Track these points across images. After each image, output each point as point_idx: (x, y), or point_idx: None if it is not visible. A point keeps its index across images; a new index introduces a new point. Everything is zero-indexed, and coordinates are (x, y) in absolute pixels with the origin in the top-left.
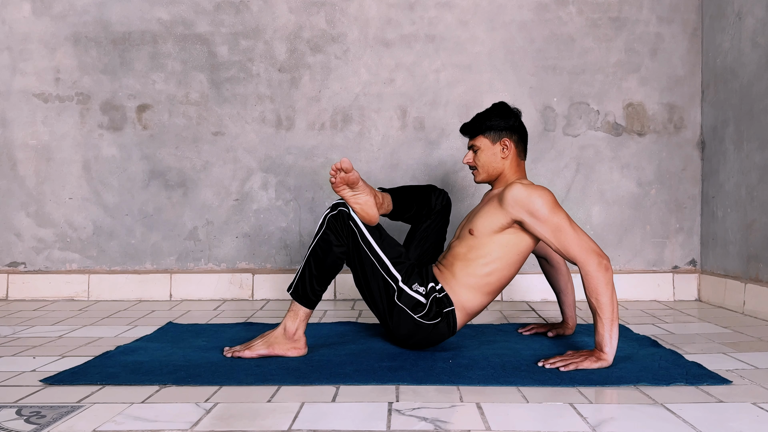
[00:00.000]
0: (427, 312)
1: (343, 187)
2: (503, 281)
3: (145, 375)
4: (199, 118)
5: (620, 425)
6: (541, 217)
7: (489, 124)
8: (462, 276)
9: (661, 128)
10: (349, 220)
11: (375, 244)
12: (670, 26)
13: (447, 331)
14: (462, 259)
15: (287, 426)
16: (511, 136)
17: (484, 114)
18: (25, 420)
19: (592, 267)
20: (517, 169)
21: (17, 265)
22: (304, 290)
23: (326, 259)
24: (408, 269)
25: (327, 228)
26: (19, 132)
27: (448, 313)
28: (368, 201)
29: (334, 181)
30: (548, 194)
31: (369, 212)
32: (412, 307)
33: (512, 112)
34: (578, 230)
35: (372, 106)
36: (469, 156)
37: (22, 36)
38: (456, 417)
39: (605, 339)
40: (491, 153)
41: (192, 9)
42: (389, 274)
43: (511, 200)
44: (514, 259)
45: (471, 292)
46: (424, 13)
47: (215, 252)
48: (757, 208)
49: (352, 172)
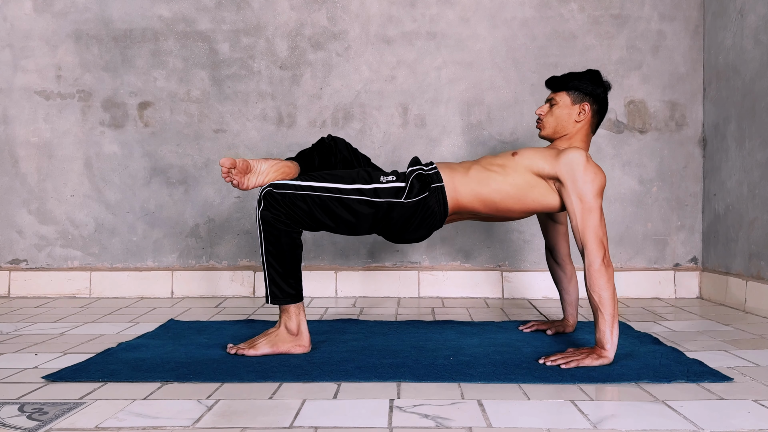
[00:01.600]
0: (410, 190)
1: (246, 178)
2: (502, 209)
3: (147, 372)
4: (200, 116)
5: (621, 422)
6: (582, 192)
7: (576, 84)
8: (473, 176)
9: (662, 126)
10: (277, 190)
11: (315, 183)
12: (671, 23)
13: (437, 207)
14: (483, 166)
15: (289, 423)
16: (593, 104)
17: (576, 73)
18: (28, 416)
19: (597, 260)
20: (584, 138)
21: (19, 263)
22: (281, 291)
23: (282, 250)
24: (360, 175)
25: (264, 224)
26: (21, 129)
27: (437, 189)
28: (271, 164)
29: (235, 181)
30: (602, 177)
31: (281, 170)
32: (393, 194)
33: (603, 82)
34: (603, 222)
35: (373, 103)
36: (545, 107)
37: (24, 33)
38: (457, 414)
39: (606, 336)
40: (567, 112)
41: (193, 6)
42: (350, 191)
43: (569, 160)
44: (527, 202)
45: (469, 188)
46: (425, 10)
47: (217, 249)
48: (758, 205)
49: (239, 161)
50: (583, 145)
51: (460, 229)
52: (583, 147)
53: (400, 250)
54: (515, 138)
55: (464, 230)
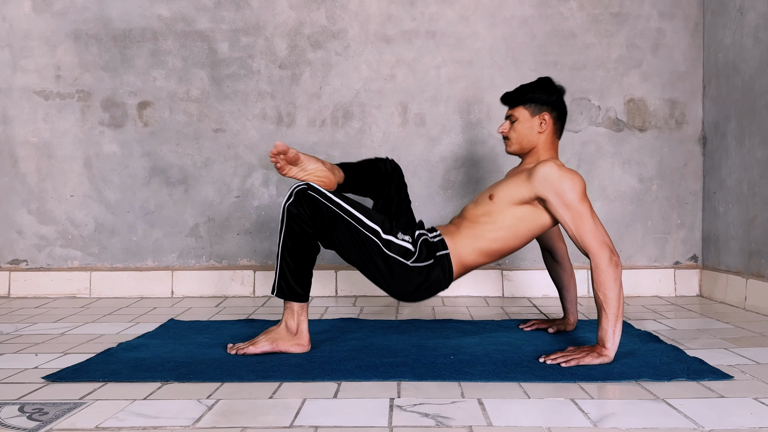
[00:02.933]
0: (418, 255)
1: (289, 168)
2: (506, 250)
3: (147, 372)
4: (200, 115)
5: (622, 420)
6: (567, 201)
7: (531, 96)
8: (467, 235)
9: (662, 124)
10: (311, 192)
11: (344, 204)
12: (671, 21)
13: (443, 276)
14: (472, 220)
15: (289, 422)
16: (551, 112)
17: (529, 85)
18: (28, 417)
19: (603, 261)
20: (551, 147)
21: (19, 263)
22: (288, 287)
23: (299, 248)
24: (384, 222)
25: (289, 218)
26: (21, 129)
27: (443, 257)
28: (318, 166)
29: (279, 165)
30: (580, 180)
31: (324, 176)
32: (402, 254)
33: (556, 88)
34: (597, 222)
35: (373, 102)
36: (506, 125)
37: (23, 33)
38: (457, 413)
39: (608, 335)
40: (528, 125)
41: (192, 6)
42: (369, 229)
43: (542, 176)
44: (523, 233)
45: (471, 249)
46: (424, 9)
47: (216, 249)
48: (758, 203)
49: (290, 151)
50: (551, 154)
51: None
52: (552, 155)
53: None
54: None
55: None
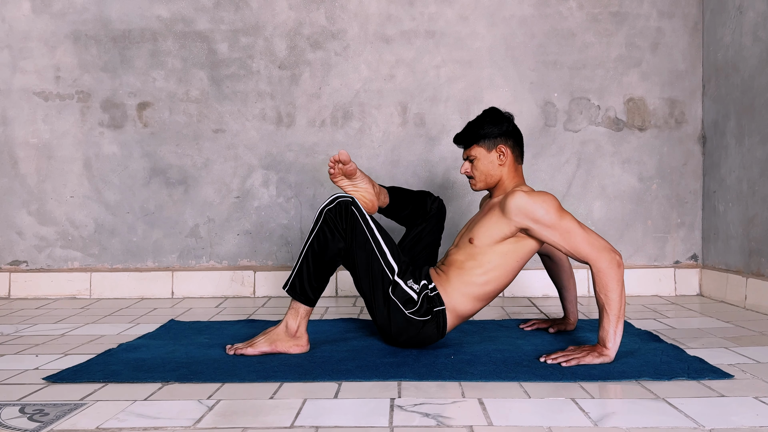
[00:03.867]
0: (418, 309)
1: (341, 178)
2: (499, 289)
3: (148, 372)
4: (199, 116)
5: (622, 420)
6: (547, 223)
7: (482, 133)
8: (457, 282)
9: (662, 123)
10: (351, 206)
11: (377, 232)
12: (670, 20)
13: (436, 332)
14: (458, 266)
15: (290, 422)
16: (507, 142)
17: (476, 123)
18: (29, 418)
19: (604, 264)
20: (515, 175)
21: (19, 264)
22: (301, 287)
23: (324, 255)
24: (403, 264)
25: (323, 223)
26: (20, 130)
27: (438, 313)
28: (367, 188)
29: (333, 171)
30: (551, 199)
31: (368, 198)
32: (404, 302)
33: (504, 116)
34: (587, 230)
35: (372, 102)
36: (466, 166)
37: (22, 34)
38: (458, 412)
39: (609, 335)
40: (488, 161)
41: (192, 6)
42: (388, 264)
43: (515, 209)
44: (513, 266)
45: (464, 297)
46: (424, 9)
47: (217, 249)
48: (758, 202)
49: (350, 164)
50: (516, 182)
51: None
52: (518, 182)
53: None
54: None
55: None
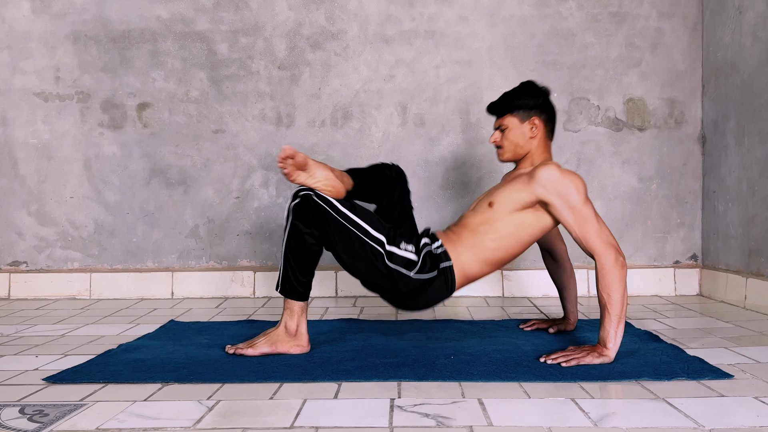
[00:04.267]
0: (421, 267)
1: (297, 174)
2: (509, 257)
3: (148, 373)
4: (199, 116)
5: (622, 420)
6: (571, 203)
7: (517, 103)
8: (468, 244)
9: (661, 123)
10: (317, 199)
11: (350, 214)
12: (670, 21)
13: (445, 288)
14: (472, 229)
15: (290, 423)
16: (540, 115)
17: (512, 93)
18: (29, 418)
19: (609, 261)
20: (544, 150)
21: (19, 264)
22: (290, 285)
23: (302, 249)
24: (389, 232)
25: (294, 218)
26: (20, 131)
27: (446, 269)
28: (327, 175)
29: (287, 171)
30: (582, 182)
31: (332, 184)
32: (404, 265)
33: (541, 90)
34: (601, 222)
35: (372, 102)
36: (496, 135)
37: (22, 35)
38: (458, 413)
39: (610, 335)
40: (519, 132)
41: (191, 6)
42: (373, 239)
43: (545, 180)
44: (524, 239)
45: (474, 259)
46: (423, 9)
47: (216, 250)
48: (758, 202)
49: (298, 155)
50: (545, 157)
51: None
52: (547, 158)
53: None
54: None
55: None
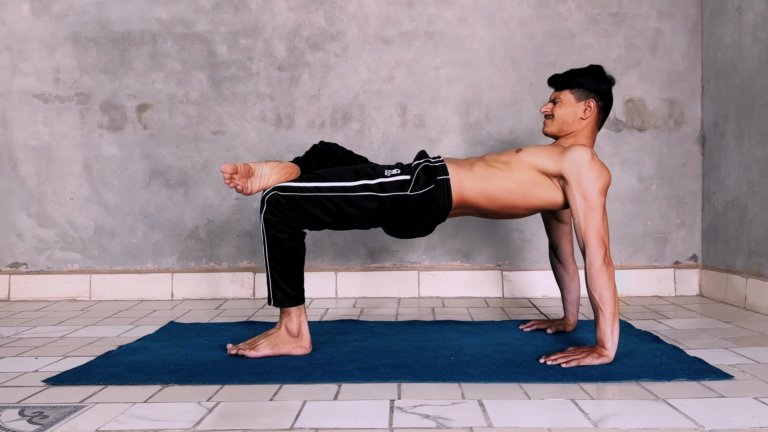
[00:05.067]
0: (415, 183)
1: (249, 182)
2: (507, 206)
3: (148, 374)
4: (199, 117)
5: (622, 420)
6: (586, 190)
7: (580, 81)
8: (478, 173)
9: (661, 123)
10: (282, 193)
11: (320, 183)
12: (670, 21)
13: (442, 200)
14: (488, 163)
15: (289, 424)
16: (598, 101)
17: (579, 70)
18: (28, 420)
19: (598, 259)
20: (590, 135)
21: (19, 266)
22: (284, 294)
23: (285, 254)
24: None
25: (268, 229)
26: (20, 132)
27: (442, 182)
28: (273, 165)
29: (239, 186)
30: (608, 175)
31: (284, 170)
32: (398, 188)
33: (606, 77)
34: (605, 221)
35: (372, 103)
36: (549, 106)
37: (22, 36)
38: (458, 414)
39: (607, 335)
40: (572, 109)
41: (191, 8)
42: (355, 188)
43: (574, 158)
44: (531, 199)
45: (475, 185)
46: (423, 10)
47: (216, 251)
48: (758, 202)
49: (240, 166)
50: (588, 142)
51: (460, 229)
52: (589, 144)
53: (399, 250)
54: (514, 137)
55: (464, 230)
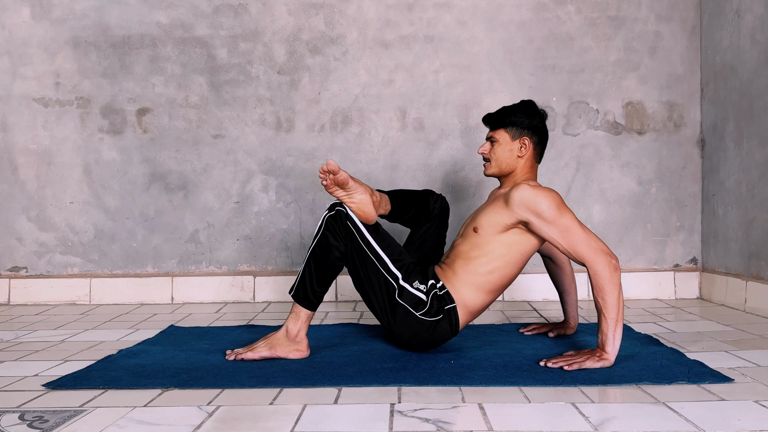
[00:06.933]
0: (428, 309)
1: (335, 188)
2: (505, 280)
3: (148, 378)
4: (199, 121)
5: (622, 424)
6: (547, 219)
7: (513, 119)
8: (463, 274)
9: (660, 126)
10: (346, 220)
11: (374, 243)
12: (669, 24)
13: (449, 329)
14: (464, 257)
15: (289, 428)
16: (532, 137)
17: (510, 108)
18: (28, 425)
19: (600, 266)
20: (529, 171)
21: (19, 270)
22: (305, 292)
23: (326, 260)
24: (408, 267)
25: (326, 229)
26: (20, 136)
27: (450, 311)
28: (363, 199)
29: (326, 183)
30: (554, 195)
31: (366, 210)
32: (413, 305)
33: (539, 112)
34: (586, 230)
35: (371, 107)
36: (486, 147)
37: (22, 40)
38: (458, 418)
39: (609, 339)
40: (508, 149)
41: (191, 12)
42: (389, 272)
43: (518, 200)
44: (516, 259)
45: (472, 289)
46: (422, 14)
47: (216, 254)
48: (757, 205)
49: (340, 173)
50: (528, 177)
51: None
52: (529, 179)
53: None
54: None
55: None
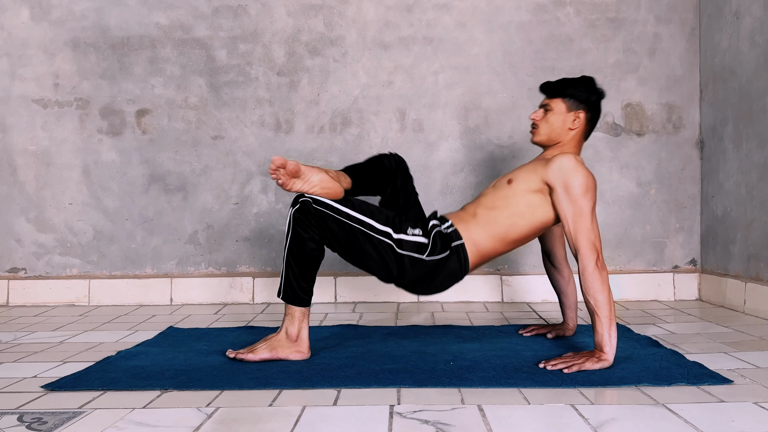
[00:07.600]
0: (432, 248)
1: (292, 182)
2: (521, 238)
3: (147, 380)
4: (198, 122)
5: (622, 426)
6: (572, 195)
7: (572, 91)
8: (483, 219)
9: (660, 128)
10: (315, 205)
11: (352, 212)
12: (668, 26)
13: (458, 266)
14: (489, 206)
15: (289, 430)
16: (587, 112)
17: (571, 80)
18: (27, 426)
19: (590, 263)
20: (576, 145)
21: (18, 271)
22: (293, 291)
23: (303, 254)
24: (393, 220)
25: (295, 225)
26: (19, 137)
27: (458, 247)
28: (322, 178)
29: (281, 180)
30: (591, 179)
31: (329, 186)
32: (416, 249)
33: (597, 89)
34: (594, 224)
35: (371, 108)
36: (539, 113)
37: (21, 42)
38: (458, 419)
39: (605, 338)
40: (562, 119)
41: (190, 13)
42: (380, 232)
43: (557, 166)
44: (535, 223)
45: (486, 235)
46: (422, 15)
47: (215, 256)
48: (757, 206)
49: (289, 163)
50: (574, 152)
51: None
52: (575, 153)
53: None
54: (513, 142)
55: None
